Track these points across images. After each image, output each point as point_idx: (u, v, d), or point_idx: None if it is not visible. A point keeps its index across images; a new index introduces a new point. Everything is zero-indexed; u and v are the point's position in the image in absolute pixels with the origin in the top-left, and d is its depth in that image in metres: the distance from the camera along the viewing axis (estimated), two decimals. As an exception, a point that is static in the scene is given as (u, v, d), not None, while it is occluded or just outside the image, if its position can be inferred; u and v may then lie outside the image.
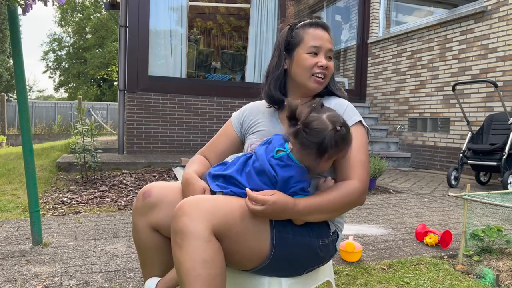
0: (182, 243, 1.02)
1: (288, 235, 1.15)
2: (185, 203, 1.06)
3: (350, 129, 1.15)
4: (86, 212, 3.01)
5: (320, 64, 1.30)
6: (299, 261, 1.19)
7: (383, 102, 6.97)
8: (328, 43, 1.33)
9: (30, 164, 2.18)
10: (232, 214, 1.08)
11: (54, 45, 30.29)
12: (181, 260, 1.02)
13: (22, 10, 1.93)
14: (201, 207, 1.05)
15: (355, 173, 1.21)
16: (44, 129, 15.97)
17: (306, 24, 1.35)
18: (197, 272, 1.00)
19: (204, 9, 9.43)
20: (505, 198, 2.19)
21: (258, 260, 1.13)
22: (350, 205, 1.19)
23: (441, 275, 1.97)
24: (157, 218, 1.25)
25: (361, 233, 2.64)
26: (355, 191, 1.18)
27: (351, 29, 7.91)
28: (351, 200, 1.19)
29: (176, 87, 5.95)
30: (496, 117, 4.56)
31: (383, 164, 4.19)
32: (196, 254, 1.01)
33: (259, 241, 1.11)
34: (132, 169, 4.88)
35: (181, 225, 1.03)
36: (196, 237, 1.01)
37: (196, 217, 1.03)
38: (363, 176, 1.21)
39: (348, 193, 1.17)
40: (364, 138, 1.28)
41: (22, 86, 2.14)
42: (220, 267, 1.04)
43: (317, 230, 1.21)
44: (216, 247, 1.04)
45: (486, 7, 5.16)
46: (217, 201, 1.10)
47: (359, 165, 1.22)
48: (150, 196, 1.26)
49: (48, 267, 1.94)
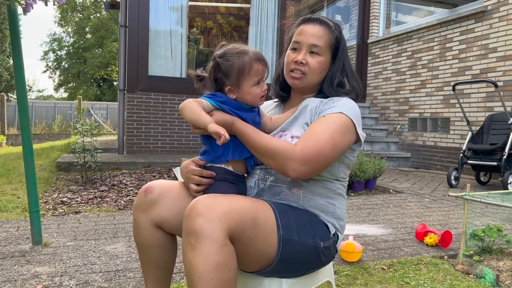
0: (196, 245, 0.98)
1: (294, 237, 1.14)
2: (199, 202, 1.02)
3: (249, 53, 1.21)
4: (86, 212, 3.01)
5: (295, 59, 1.28)
6: (303, 264, 1.18)
7: (383, 102, 6.97)
8: (312, 38, 1.27)
9: (30, 164, 2.18)
10: (246, 216, 1.05)
11: (54, 45, 30.31)
12: (194, 262, 0.98)
13: (23, 10, 1.93)
14: (217, 208, 1.01)
15: (301, 141, 1.15)
16: (44, 129, 15.96)
17: (301, 21, 1.34)
18: (210, 276, 0.97)
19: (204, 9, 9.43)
20: (505, 198, 2.19)
21: (265, 262, 1.12)
22: (276, 161, 1.14)
23: (441, 275, 1.97)
24: (159, 214, 1.23)
25: (361, 233, 2.64)
26: (288, 153, 1.12)
27: (351, 29, 7.91)
28: (279, 158, 1.13)
29: (176, 87, 5.95)
30: (496, 117, 4.56)
31: (383, 164, 4.19)
32: (210, 257, 0.97)
33: (268, 243, 1.10)
34: (132, 169, 4.88)
35: (196, 226, 0.99)
36: (212, 240, 0.97)
37: (212, 218, 0.99)
38: (308, 147, 1.13)
39: (280, 150, 1.14)
40: (339, 126, 1.18)
41: (22, 86, 2.14)
42: (234, 271, 1.02)
43: (319, 233, 1.21)
44: (230, 250, 1.01)
45: (486, 7, 5.16)
46: (232, 201, 1.06)
47: (310, 138, 1.15)
48: (152, 192, 1.25)
49: (48, 267, 1.94)
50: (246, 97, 1.22)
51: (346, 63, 1.34)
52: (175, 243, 1.32)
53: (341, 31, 1.34)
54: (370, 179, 4.15)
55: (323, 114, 1.21)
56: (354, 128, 1.21)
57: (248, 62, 1.19)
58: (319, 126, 1.18)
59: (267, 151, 1.15)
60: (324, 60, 1.29)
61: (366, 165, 4.03)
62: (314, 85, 1.32)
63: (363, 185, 4.13)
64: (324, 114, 1.21)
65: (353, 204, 3.53)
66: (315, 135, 1.15)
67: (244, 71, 1.18)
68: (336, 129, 1.17)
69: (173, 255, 1.32)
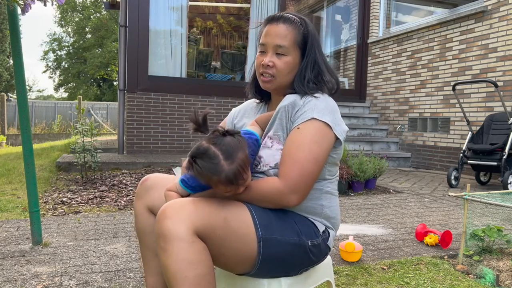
0: (166, 246, 1.01)
1: (275, 236, 1.13)
2: (167, 207, 1.06)
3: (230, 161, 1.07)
4: (86, 212, 3.01)
5: (262, 62, 1.26)
6: (291, 262, 1.17)
7: (383, 102, 6.97)
8: (276, 38, 1.24)
9: (30, 164, 2.18)
10: (215, 216, 1.07)
11: (54, 45, 30.30)
12: (166, 263, 1.01)
13: (21, 10, 1.93)
14: (183, 210, 1.05)
15: (282, 170, 1.14)
16: (44, 129, 15.96)
17: (265, 21, 1.30)
18: (183, 274, 1.00)
19: (204, 9, 9.44)
20: (505, 198, 2.19)
21: (248, 263, 1.12)
22: (271, 203, 1.15)
23: (441, 275, 1.97)
24: (152, 198, 1.32)
25: (361, 233, 2.64)
26: (276, 192, 1.13)
27: (351, 29, 7.91)
28: (272, 201, 1.15)
29: (176, 87, 5.95)
30: (496, 117, 4.56)
31: (383, 164, 4.19)
32: (180, 256, 1.00)
33: (245, 244, 1.10)
34: (132, 169, 4.88)
35: (163, 228, 1.02)
36: (179, 239, 1.01)
37: (178, 219, 1.02)
38: (290, 175, 1.12)
39: (268, 194, 1.14)
40: (314, 136, 1.15)
41: (22, 86, 2.14)
42: (208, 266, 1.03)
43: (305, 231, 1.20)
44: (201, 247, 1.03)
45: (486, 7, 5.16)
46: (199, 203, 1.08)
47: (290, 162, 1.13)
48: (147, 180, 1.36)
49: (48, 267, 1.94)
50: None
51: (318, 58, 1.28)
52: None
53: (308, 25, 1.28)
54: (370, 179, 4.15)
55: (297, 126, 1.18)
56: (330, 130, 1.18)
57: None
58: (295, 143, 1.16)
59: (260, 200, 1.16)
60: (292, 60, 1.25)
61: (366, 165, 4.04)
62: (286, 85, 1.29)
63: (363, 185, 4.13)
64: (297, 125, 1.18)
65: (353, 204, 3.53)
66: (293, 157, 1.13)
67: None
68: (312, 140, 1.14)
69: None
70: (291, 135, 1.18)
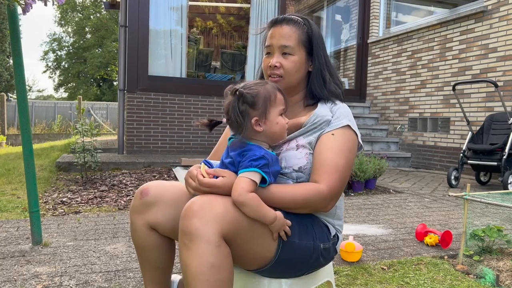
0: (191, 245, 0.98)
1: (295, 240, 1.14)
2: (195, 203, 1.02)
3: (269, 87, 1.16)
4: (86, 212, 3.01)
5: (269, 64, 1.28)
6: (301, 265, 1.18)
7: (383, 102, 6.97)
8: (281, 39, 1.26)
9: (30, 164, 2.18)
10: (242, 220, 1.04)
11: (54, 45, 30.30)
12: (188, 262, 0.99)
13: (22, 10, 1.93)
14: (213, 210, 1.01)
15: (325, 177, 1.14)
16: (44, 129, 15.96)
17: (269, 24, 1.33)
18: (205, 277, 0.97)
19: (204, 9, 9.44)
20: (505, 198, 2.19)
21: (262, 263, 1.13)
22: (310, 208, 1.16)
23: (441, 275, 1.97)
24: (154, 217, 1.22)
25: (361, 233, 2.64)
26: (320, 196, 1.13)
27: (351, 29, 7.91)
28: (312, 205, 1.14)
29: (176, 87, 5.95)
30: (496, 117, 4.56)
31: (383, 164, 4.19)
32: (205, 258, 0.97)
33: (265, 246, 1.10)
34: (132, 169, 4.88)
35: (191, 227, 0.99)
36: (206, 241, 0.98)
37: (207, 219, 0.99)
38: (333, 182, 1.14)
39: (310, 198, 1.12)
40: (348, 142, 1.21)
41: (22, 86, 2.14)
42: (229, 272, 1.01)
43: (319, 235, 1.21)
44: (226, 252, 1.01)
45: (486, 7, 5.16)
46: (228, 204, 1.04)
47: (332, 169, 1.15)
48: (147, 194, 1.23)
49: (48, 267, 1.94)
50: (274, 128, 1.15)
51: (326, 57, 1.33)
52: (173, 245, 1.31)
53: (312, 25, 1.31)
54: (370, 179, 4.15)
55: (331, 132, 1.22)
56: (357, 138, 1.25)
57: (272, 90, 1.16)
58: (333, 150, 1.18)
59: (299, 205, 1.14)
60: (298, 59, 1.27)
61: (366, 165, 4.03)
62: (295, 85, 1.30)
63: (363, 185, 4.13)
64: (331, 131, 1.22)
65: (353, 204, 3.53)
66: (334, 164, 1.16)
67: (271, 98, 1.15)
68: (348, 147, 1.21)
69: (171, 256, 1.30)
70: (326, 141, 1.21)
